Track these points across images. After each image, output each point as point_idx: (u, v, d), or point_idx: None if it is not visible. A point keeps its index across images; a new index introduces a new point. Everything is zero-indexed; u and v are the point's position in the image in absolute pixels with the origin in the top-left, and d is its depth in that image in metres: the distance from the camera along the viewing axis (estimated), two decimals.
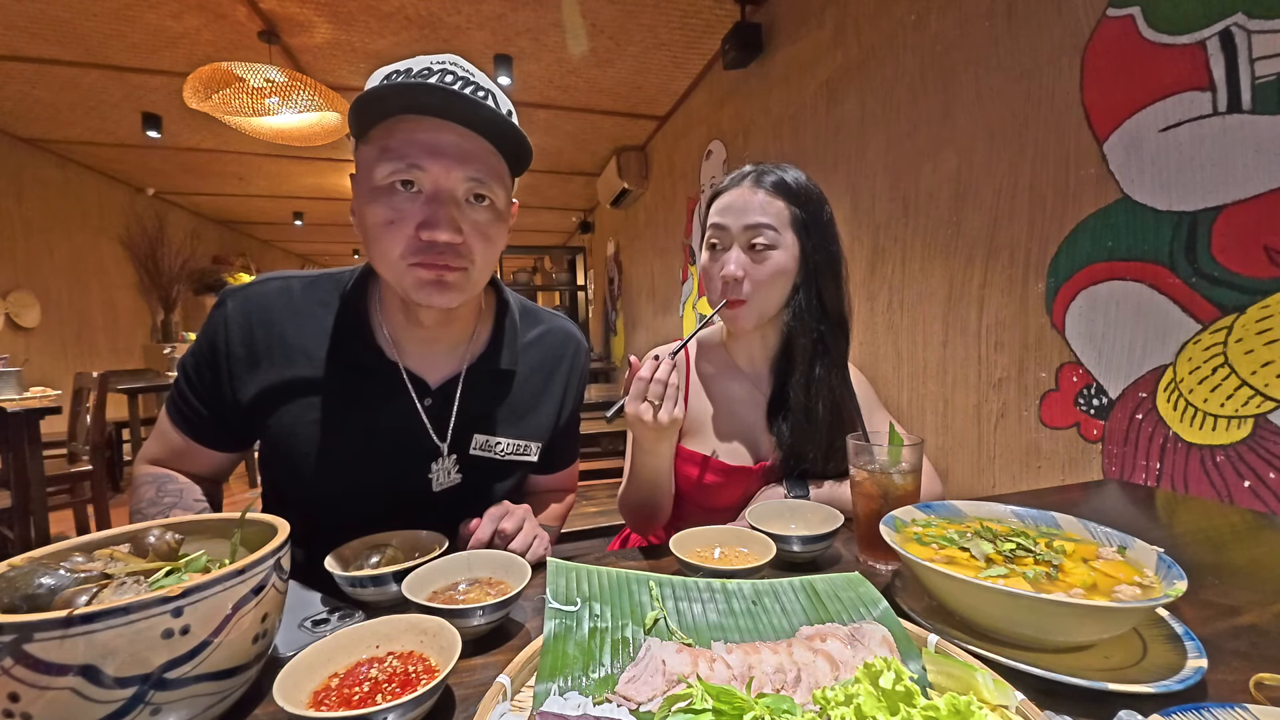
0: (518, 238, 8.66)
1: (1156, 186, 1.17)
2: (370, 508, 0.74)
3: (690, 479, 0.89)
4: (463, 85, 0.65)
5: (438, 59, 0.67)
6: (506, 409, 0.82)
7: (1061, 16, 1.34)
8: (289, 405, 0.72)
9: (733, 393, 0.96)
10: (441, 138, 0.64)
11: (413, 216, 0.64)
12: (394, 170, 0.63)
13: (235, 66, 2.48)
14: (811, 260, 0.87)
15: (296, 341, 0.73)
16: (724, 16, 2.78)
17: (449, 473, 0.78)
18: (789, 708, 0.36)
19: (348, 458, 0.74)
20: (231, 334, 0.72)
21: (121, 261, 5.40)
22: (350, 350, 0.74)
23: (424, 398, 0.76)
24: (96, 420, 2.63)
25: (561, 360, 0.88)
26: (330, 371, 0.73)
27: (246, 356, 0.72)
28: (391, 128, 0.64)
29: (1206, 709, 0.37)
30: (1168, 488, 1.17)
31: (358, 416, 0.74)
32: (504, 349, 0.82)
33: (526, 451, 0.84)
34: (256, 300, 0.73)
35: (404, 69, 0.65)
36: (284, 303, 0.74)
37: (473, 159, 0.65)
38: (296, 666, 0.41)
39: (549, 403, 0.87)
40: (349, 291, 0.76)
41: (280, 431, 0.73)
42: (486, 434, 0.80)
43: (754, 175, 0.87)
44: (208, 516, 0.54)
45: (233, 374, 0.72)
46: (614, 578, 0.54)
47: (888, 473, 0.69)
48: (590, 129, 4.29)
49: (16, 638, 0.33)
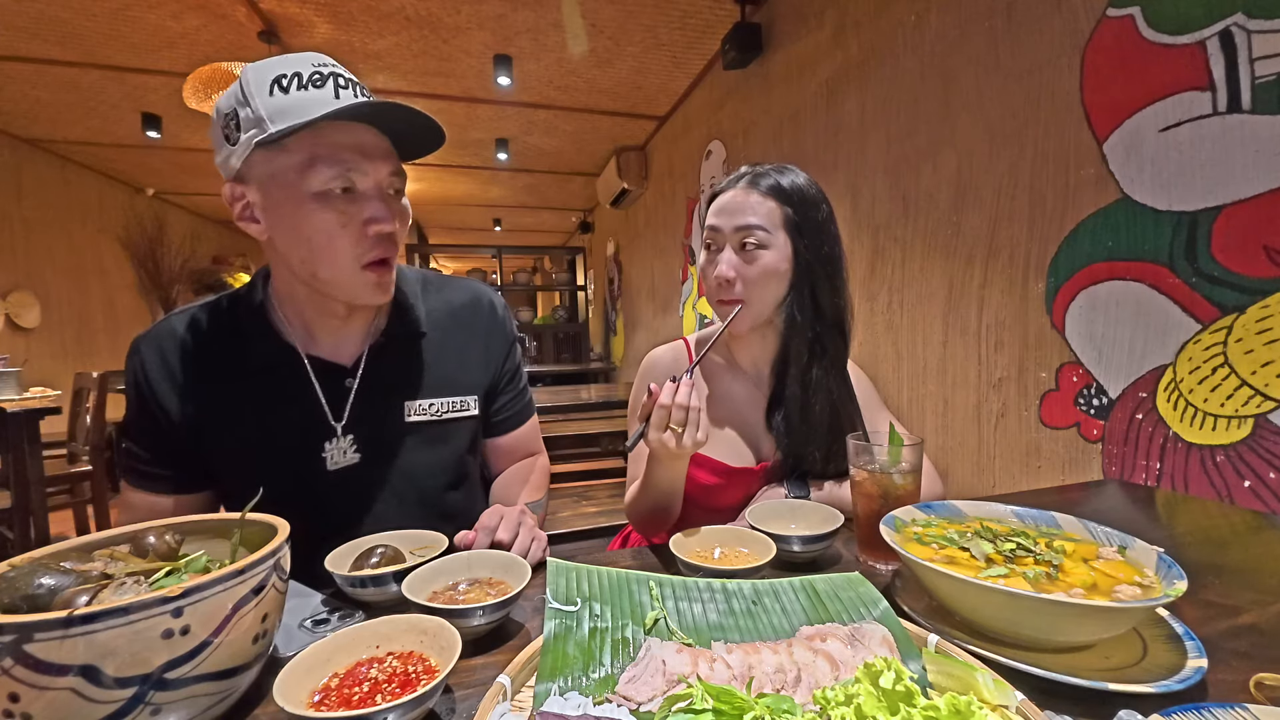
0: (518, 238, 8.66)
1: (1156, 186, 1.17)
2: (278, 501, 0.74)
3: (691, 480, 0.89)
4: (354, 86, 0.68)
5: (314, 60, 0.68)
6: (431, 370, 0.85)
7: (1061, 16, 1.34)
8: (214, 417, 0.76)
9: (735, 393, 0.96)
10: (364, 139, 0.68)
11: (357, 215, 0.68)
12: (333, 176, 0.66)
13: (235, 67, 2.48)
14: (805, 261, 0.86)
15: (207, 358, 0.76)
16: (724, 16, 2.78)
17: (344, 452, 0.80)
18: (789, 708, 0.36)
19: (255, 450, 0.77)
20: (150, 373, 0.74)
21: (121, 261, 5.40)
22: (256, 351, 0.77)
23: (343, 379, 0.79)
24: (96, 420, 2.63)
25: (476, 313, 0.92)
26: (241, 375, 0.76)
27: (170, 388, 0.75)
28: (318, 135, 0.65)
29: (1207, 709, 0.37)
30: (1168, 488, 1.17)
31: (268, 410, 0.77)
32: (406, 315, 0.84)
33: (464, 407, 0.88)
34: (164, 337, 0.76)
35: (291, 73, 0.65)
36: (189, 330, 0.77)
37: (390, 155, 0.71)
38: (296, 666, 0.41)
39: (474, 355, 0.90)
40: (245, 299, 0.79)
41: (212, 444, 0.77)
42: (418, 399, 0.83)
43: (750, 177, 0.88)
44: (208, 516, 0.54)
45: (163, 408, 0.74)
46: (614, 578, 0.54)
47: (888, 473, 0.69)
48: (590, 129, 4.28)
49: (16, 638, 0.33)
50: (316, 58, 0.68)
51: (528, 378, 1.03)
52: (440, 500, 0.87)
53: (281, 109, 0.63)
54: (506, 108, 3.86)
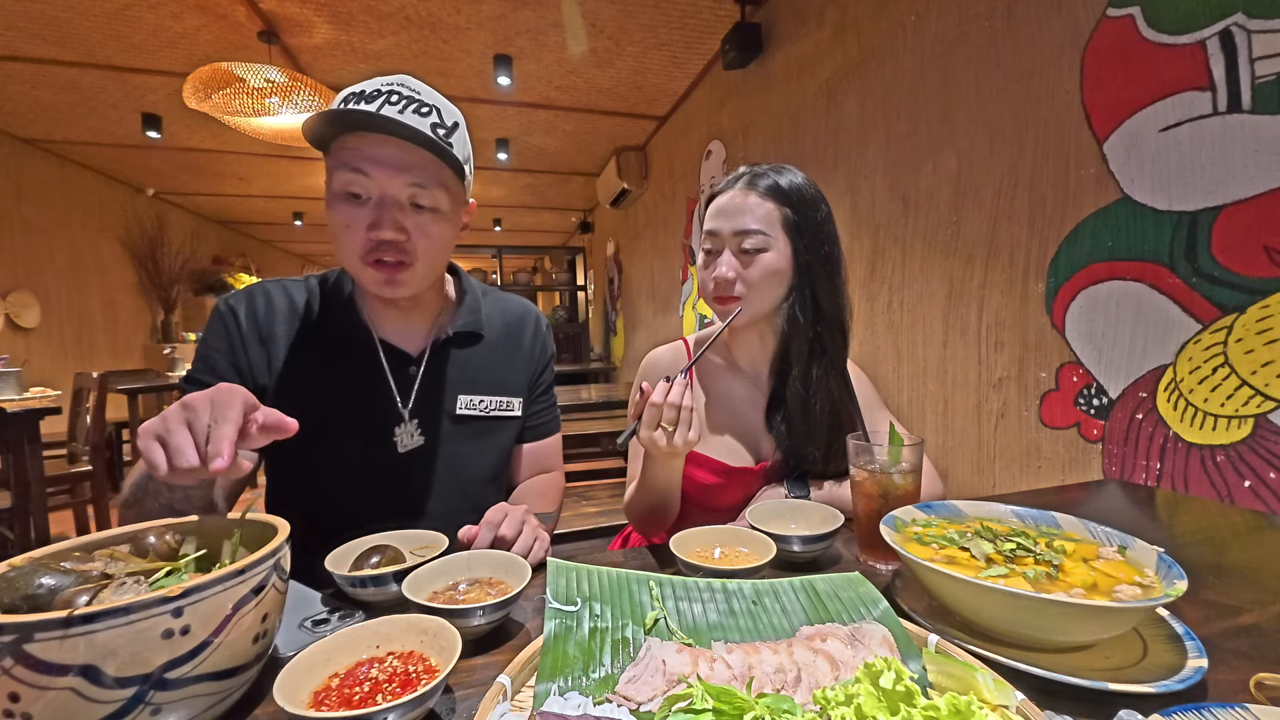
0: (518, 238, 8.66)
1: (1156, 186, 1.17)
2: (344, 475, 0.83)
3: (691, 480, 0.89)
4: (406, 103, 0.74)
5: (389, 80, 0.76)
6: (485, 370, 0.93)
7: (1061, 16, 1.34)
8: (293, 379, 0.81)
9: (734, 392, 0.96)
10: (383, 151, 0.73)
11: (363, 219, 0.74)
12: (345, 180, 0.73)
13: (235, 66, 2.48)
14: (804, 261, 0.87)
15: (293, 325, 0.83)
16: (724, 17, 2.78)
17: (411, 435, 0.85)
18: (789, 708, 0.36)
19: (323, 419, 0.80)
20: (240, 318, 0.81)
21: (121, 262, 5.40)
22: (334, 327, 0.84)
23: (408, 366, 0.86)
24: (96, 421, 2.63)
25: (524, 326, 1.00)
26: (317, 347, 0.83)
27: (255, 338, 0.81)
28: (343, 143, 0.74)
29: (1207, 709, 0.37)
30: (1168, 488, 1.17)
31: (341, 384, 0.83)
32: (469, 317, 0.92)
33: (510, 407, 0.95)
34: (256, 294, 0.84)
35: (357, 91, 0.75)
36: (278, 296, 0.84)
37: (412, 168, 0.74)
38: (296, 666, 0.41)
39: (521, 362, 0.98)
40: (331, 279, 0.88)
41: (285, 405, 0.77)
42: (470, 394, 0.90)
43: (748, 178, 0.88)
44: (208, 517, 0.54)
45: (249, 357, 0.80)
46: (614, 578, 0.54)
47: (888, 473, 0.69)
48: (590, 129, 4.28)
49: (17, 638, 0.33)
50: (395, 78, 0.77)
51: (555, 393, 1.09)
52: (478, 493, 0.91)
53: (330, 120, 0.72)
54: (506, 108, 3.86)
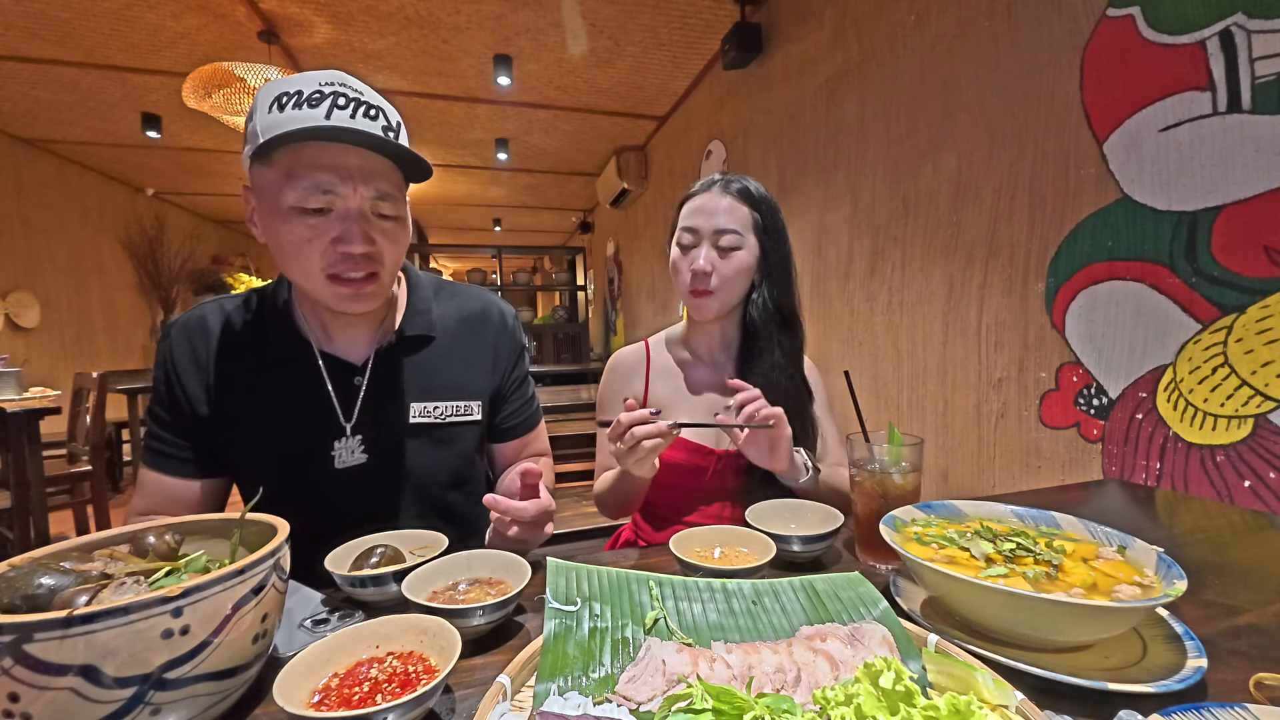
0: (517, 238, 8.65)
1: (1156, 186, 1.17)
2: (288, 493, 0.76)
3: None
4: (355, 106, 0.69)
5: (325, 79, 0.69)
6: (440, 374, 0.87)
7: (1061, 16, 1.34)
8: (231, 404, 0.79)
9: (694, 380, 1.04)
10: (347, 160, 0.68)
11: (327, 232, 0.69)
12: (305, 194, 0.67)
13: (235, 66, 2.48)
14: (770, 260, 0.98)
15: (231, 346, 0.80)
16: (724, 16, 2.78)
17: (352, 451, 0.82)
18: (789, 708, 0.36)
19: (267, 441, 0.80)
20: (177, 357, 0.79)
21: (121, 262, 5.40)
22: (271, 344, 0.80)
23: (351, 377, 0.82)
24: (96, 421, 2.63)
25: (485, 322, 0.93)
26: (254, 367, 0.79)
27: (194, 372, 0.78)
28: (297, 153, 0.67)
29: (1206, 709, 0.37)
30: (1168, 488, 1.17)
31: (282, 403, 0.80)
32: (416, 319, 0.87)
33: (469, 412, 0.89)
34: (193, 323, 0.81)
35: (294, 91, 0.67)
36: (218, 319, 0.81)
37: (376, 177, 0.70)
38: (296, 666, 0.41)
39: (480, 363, 0.92)
40: (271, 294, 0.83)
41: (228, 431, 0.79)
42: (425, 401, 0.85)
43: (721, 183, 0.98)
44: (208, 516, 0.54)
45: (186, 392, 0.78)
46: (614, 578, 0.54)
47: (888, 472, 0.69)
48: (590, 129, 4.28)
49: (16, 638, 0.33)
50: (329, 76, 0.70)
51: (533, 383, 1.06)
52: (441, 501, 0.89)
53: (271, 126, 0.65)
54: (506, 108, 3.86)
